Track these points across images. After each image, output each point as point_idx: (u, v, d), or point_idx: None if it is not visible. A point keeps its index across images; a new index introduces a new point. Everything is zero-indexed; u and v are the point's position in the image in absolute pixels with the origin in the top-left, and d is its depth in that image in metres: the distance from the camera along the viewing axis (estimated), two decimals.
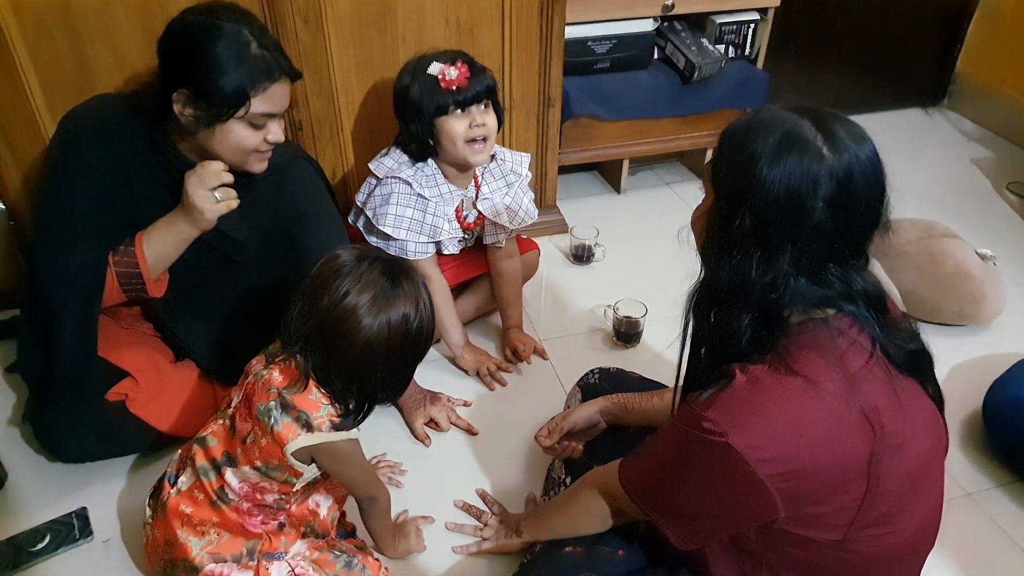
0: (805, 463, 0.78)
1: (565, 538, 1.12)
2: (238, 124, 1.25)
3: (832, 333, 0.81)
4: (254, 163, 1.33)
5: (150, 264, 1.32)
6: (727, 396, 0.81)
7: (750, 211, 0.80)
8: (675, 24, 2.27)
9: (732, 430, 0.78)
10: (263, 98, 1.24)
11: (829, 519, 0.82)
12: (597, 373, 1.42)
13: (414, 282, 1.07)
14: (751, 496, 0.80)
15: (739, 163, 0.81)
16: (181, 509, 1.14)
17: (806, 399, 0.79)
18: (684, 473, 0.87)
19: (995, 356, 1.76)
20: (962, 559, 1.34)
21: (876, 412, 0.79)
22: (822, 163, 0.78)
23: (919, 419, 0.85)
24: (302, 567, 1.14)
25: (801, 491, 0.79)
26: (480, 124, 1.49)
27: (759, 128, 0.81)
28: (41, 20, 1.48)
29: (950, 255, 1.87)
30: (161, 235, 1.33)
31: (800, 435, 0.78)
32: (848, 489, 0.80)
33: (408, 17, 1.72)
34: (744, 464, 0.78)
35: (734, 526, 0.88)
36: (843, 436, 0.79)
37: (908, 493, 0.85)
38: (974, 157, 2.70)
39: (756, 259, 0.81)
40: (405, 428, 1.59)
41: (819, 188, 0.77)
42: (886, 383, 0.82)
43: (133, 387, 1.41)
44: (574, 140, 2.24)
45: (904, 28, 2.80)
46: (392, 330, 1.03)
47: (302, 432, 1.05)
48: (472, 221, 1.67)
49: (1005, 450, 1.52)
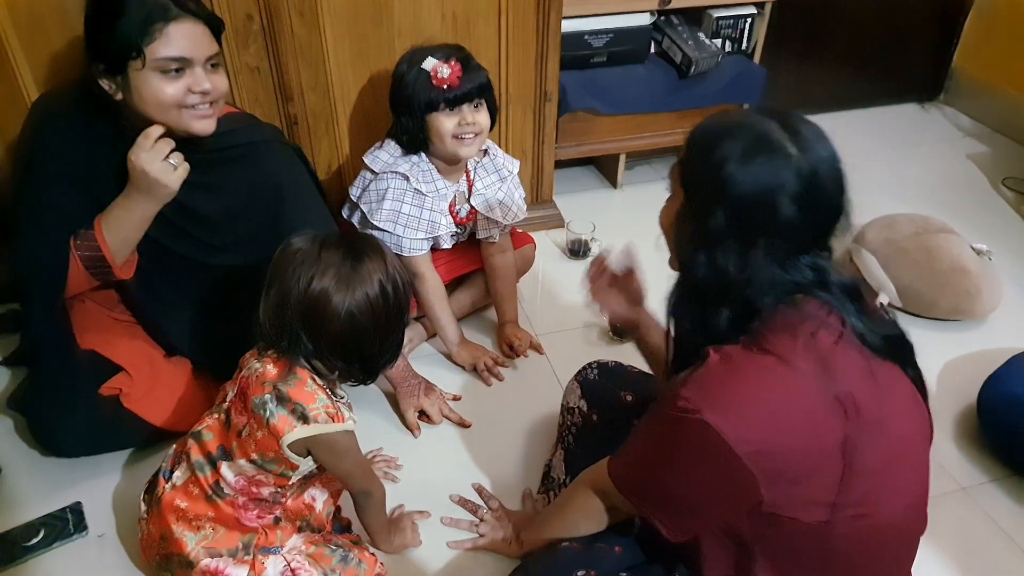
0: (780, 439, 0.80)
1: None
2: (151, 75, 1.18)
3: (803, 316, 0.84)
4: (190, 120, 1.24)
5: (112, 247, 1.30)
6: (701, 374, 0.83)
7: (723, 210, 0.83)
8: (672, 18, 2.27)
9: (706, 406, 0.80)
10: (163, 41, 1.17)
11: (811, 498, 0.83)
12: (596, 367, 1.41)
13: (376, 247, 1.07)
14: (731, 476, 0.81)
15: (711, 165, 0.83)
16: (176, 504, 1.14)
17: (779, 377, 0.81)
18: (666, 458, 0.88)
19: (990, 351, 1.76)
20: (956, 553, 1.35)
21: (849, 394, 0.81)
22: (790, 161, 0.82)
23: (898, 401, 0.87)
24: (298, 561, 1.14)
25: (779, 469, 0.81)
26: (469, 123, 1.49)
27: (728, 130, 0.85)
28: (36, 16, 1.47)
29: (946, 250, 1.87)
30: (119, 218, 1.29)
31: (774, 411, 0.80)
32: (825, 467, 0.82)
33: (404, 11, 1.71)
34: (721, 442, 0.79)
35: (720, 512, 0.88)
36: (816, 415, 0.81)
37: (889, 474, 0.85)
38: (970, 153, 2.70)
39: (731, 255, 0.84)
40: (400, 424, 1.59)
41: (788, 185, 0.81)
42: (862, 364, 0.84)
43: (127, 382, 1.41)
44: (571, 134, 2.23)
45: (901, 23, 2.80)
46: (372, 301, 1.03)
47: (298, 424, 1.05)
48: (464, 216, 1.67)
49: (1000, 445, 1.53)
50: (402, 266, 1.09)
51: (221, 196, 1.38)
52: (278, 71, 1.70)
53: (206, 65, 1.23)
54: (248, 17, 1.61)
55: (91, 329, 1.44)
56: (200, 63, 1.22)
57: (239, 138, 1.37)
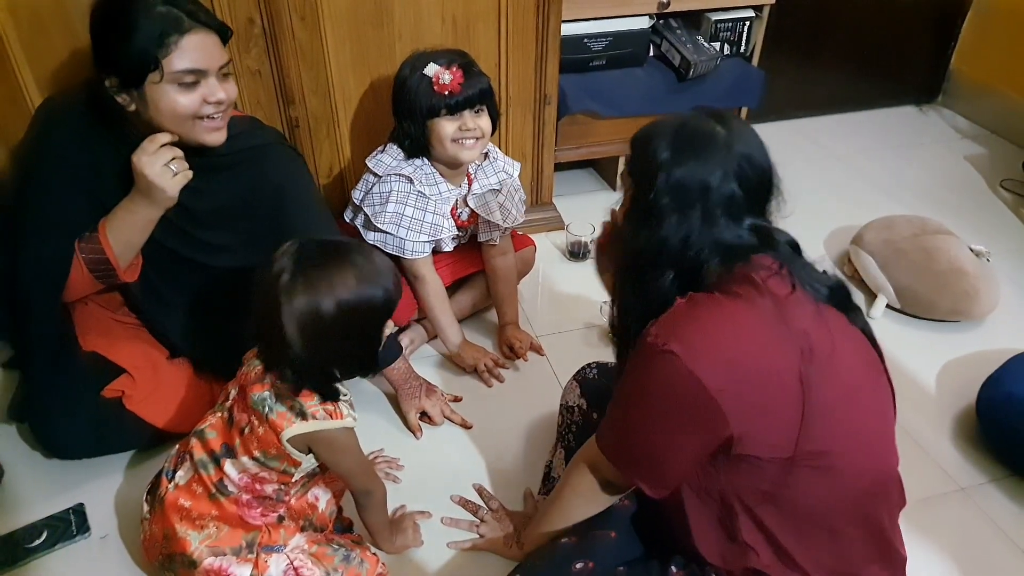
0: (745, 370, 0.85)
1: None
2: (167, 88, 1.19)
3: (756, 268, 0.90)
4: (203, 132, 1.26)
5: (116, 251, 1.30)
6: (669, 315, 0.89)
7: (663, 187, 0.90)
8: (671, 21, 2.28)
9: (673, 338, 0.86)
10: (179, 54, 1.18)
11: (776, 430, 0.87)
12: (595, 367, 1.42)
13: (342, 252, 1.04)
14: (701, 410, 0.85)
15: (649, 153, 0.92)
16: (180, 503, 1.14)
17: (740, 311, 0.87)
18: (639, 399, 0.93)
19: (988, 352, 1.77)
20: (955, 554, 1.35)
21: (804, 332, 0.87)
22: (717, 140, 0.91)
23: (848, 343, 0.92)
24: (301, 560, 1.15)
25: (745, 399, 0.85)
26: (470, 128, 1.50)
27: (663, 125, 0.94)
28: (37, 17, 1.48)
29: (944, 252, 1.88)
30: (122, 221, 1.30)
31: (737, 341, 0.86)
32: (787, 399, 0.85)
33: (405, 14, 1.72)
34: (689, 374, 0.84)
35: (694, 450, 0.91)
36: (776, 346, 0.86)
37: (846, 414, 0.89)
38: (968, 154, 2.71)
39: (672, 224, 0.90)
40: (401, 425, 1.59)
41: (718, 160, 0.90)
42: (812, 308, 0.89)
43: (129, 384, 1.41)
44: (570, 137, 2.24)
45: (898, 25, 2.81)
46: (338, 311, 1.00)
47: (296, 420, 1.06)
48: (466, 219, 1.68)
49: (998, 445, 1.53)
50: (381, 280, 1.05)
51: (224, 198, 1.39)
52: (279, 74, 1.71)
53: (219, 74, 1.24)
54: (249, 20, 1.61)
55: (93, 331, 1.44)
56: (214, 73, 1.23)
57: (242, 142, 1.37)
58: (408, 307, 1.71)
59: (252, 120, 1.49)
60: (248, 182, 1.40)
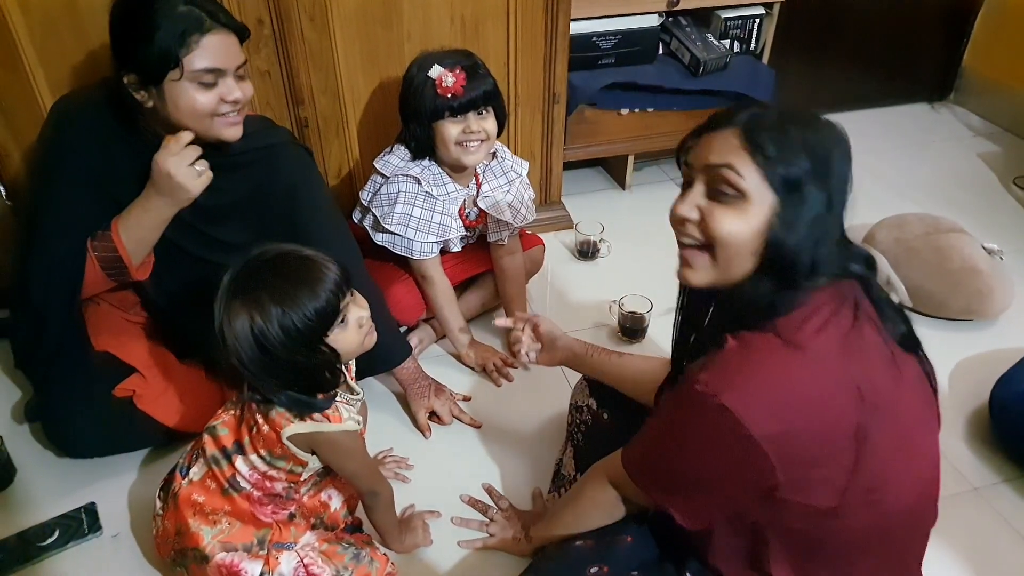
0: (797, 423, 0.80)
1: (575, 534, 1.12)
2: (187, 86, 1.20)
3: (830, 296, 0.84)
4: (222, 128, 1.27)
5: (129, 249, 1.31)
6: (718, 358, 0.83)
7: (824, 194, 0.84)
8: (680, 19, 2.27)
9: (725, 390, 0.80)
10: (199, 52, 1.19)
11: (824, 482, 0.83)
12: None
13: (274, 270, 1.02)
14: (748, 459, 0.81)
15: (807, 157, 0.84)
16: (193, 498, 1.15)
17: (796, 361, 0.81)
18: (682, 442, 0.88)
19: (1002, 351, 1.75)
20: (968, 553, 1.34)
21: (868, 378, 0.81)
22: (845, 139, 0.87)
23: (911, 386, 0.87)
24: (311, 557, 1.15)
25: (795, 452, 0.81)
26: (474, 131, 1.50)
27: (804, 119, 0.87)
28: (49, 18, 1.49)
29: (957, 250, 1.86)
30: (137, 219, 1.31)
31: (791, 395, 0.80)
32: (840, 451, 0.82)
33: (414, 14, 1.72)
34: (739, 425, 0.79)
35: (736, 495, 0.88)
36: (833, 399, 0.81)
37: (900, 458, 0.86)
38: (981, 152, 2.69)
39: (829, 229, 0.85)
40: (411, 424, 1.60)
41: (848, 158, 0.86)
42: (881, 346, 0.85)
43: (141, 383, 1.42)
44: (579, 136, 2.24)
45: (910, 22, 2.79)
46: (251, 345, 0.99)
47: (294, 420, 1.06)
48: (474, 219, 1.68)
49: (1012, 445, 1.52)
50: (305, 303, 1.00)
51: (236, 196, 1.40)
52: (289, 75, 1.71)
53: (236, 74, 1.25)
54: (259, 22, 1.62)
55: (105, 331, 1.45)
56: (232, 73, 1.24)
57: (256, 141, 1.38)
58: (416, 307, 1.72)
59: (264, 120, 1.50)
60: (260, 180, 1.41)
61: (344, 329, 1.06)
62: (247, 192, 1.41)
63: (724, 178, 0.85)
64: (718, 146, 0.87)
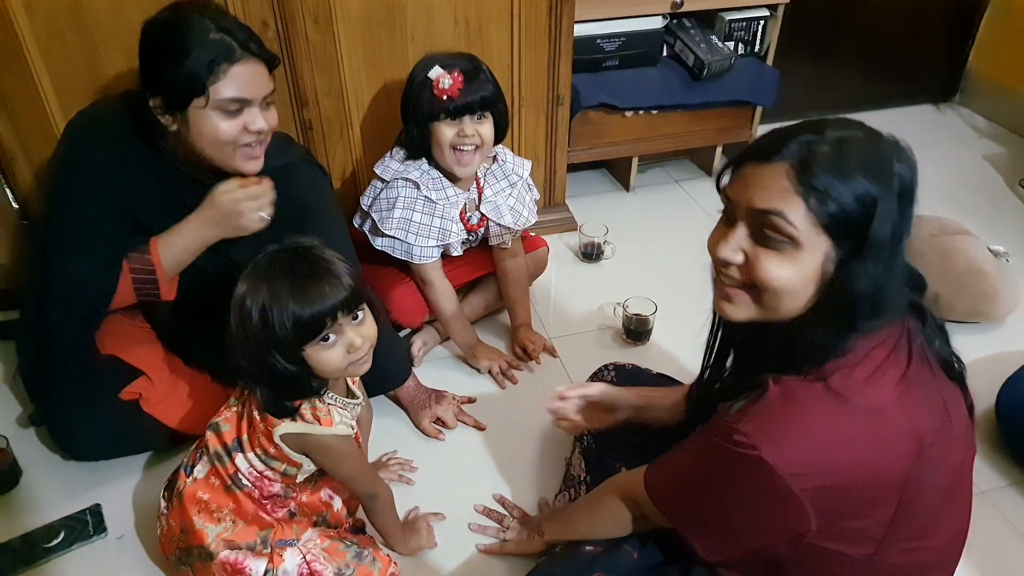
0: (839, 478, 0.76)
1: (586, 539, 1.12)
2: (211, 114, 1.20)
3: (872, 341, 0.79)
4: (241, 160, 1.27)
5: (165, 268, 1.33)
6: (760, 409, 0.78)
7: (890, 231, 0.78)
8: (684, 21, 2.27)
9: (765, 444, 0.76)
10: (227, 81, 1.19)
11: (862, 533, 0.81)
12: (612, 370, 1.41)
13: (297, 260, 1.04)
14: (784, 509, 0.78)
15: (867, 204, 0.77)
16: (198, 496, 1.15)
17: (843, 415, 0.76)
18: (715, 486, 0.85)
19: (1008, 353, 1.74)
20: (975, 557, 1.33)
21: (921, 432, 0.77)
22: (896, 184, 0.79)
23: (959, 428, 0.83)
24: (313, 554, 1.16)
25: (835, 505, 0.78)
26: (468, 135, 1.50)
27: (858, 155, 0.78)
28: (53, 21, 1.50)
29: (962, 252, 1.85)
30: (179, 243, 1.32)
31: (835, 450, 0.76)
32: (883, 504, 0.79)
33: (417, 17, 1.72)
34: (777, 478, 0.76)
35: (765, 539, 0.86)
36: (881, 455, 0.77)
37: (942, 505, 0.84)
38: (986, 153, 2.68)
39: (895, 276, 0.80)
40: (415, 427, 1.59)
41: (912, 204, 0.78)
42: (935, 390, 0.80)
43: (147, 386, 1.42)
44: (583, 138, 2.24)
45: (915, 24, 2.78)
46: (258, 314, 1.00)
47: (286, 419, 1.07)
48: (475, 223, 1.68)
49: (1018, 448, 1.51)
50: (315, 302, 1.00)
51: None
52: (293, 77, 1.72)
53: (263, 103, 1.25)
54: (263, 24, 1.62)
55: (111, 334, 1.45)
56: (258, 103, 1.24)
57: (272, 162, 1.37)
58: (418, 310, 1.72)
59: (283, 137, 1.50)
60: (280, 197, 1.39)
61: (327, 348, 1.03)
62: None
63: (773, 225, 0.77)
64: (766, 185, 0.78)
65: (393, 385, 1.56)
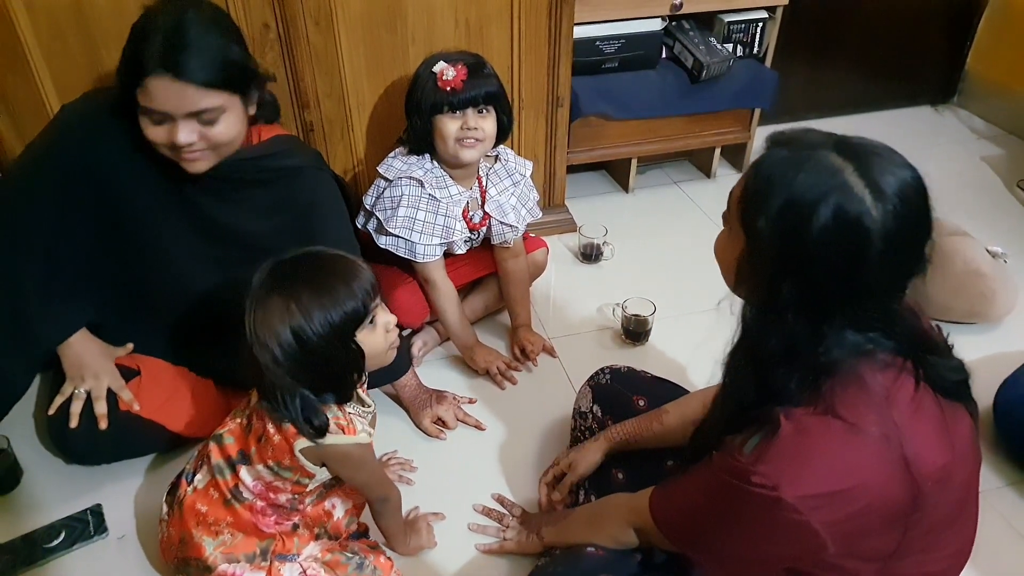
0: (857, 505, 0.77)
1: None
2: (143, 117, 1.19)
3: (877, 369, 0.80)
4: (182, 160, 1.23)
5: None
6: (775, 448, 0.79)
7: (799, 280, 0.76)
8: (683, 23, 2.27)
9: (783, 483, 0.77)
10: (144, 92, 1.15)
11: (874, 551, 0.81)
12: (608, 373, 1.41)
13: (308, 270, 1.04)
14: (801, 541, 0.79)
15: (788, 225, 0.75)
16: (197, 508, 1.15)
17: (854, 445, 0.77)
18: (729, 522, 0.85)
19: (1006, 354, 1.75)
20: (973, 559, 1.33)
21: (921, 456, 0.78)
22: (873, 223, 0.73)
23: (963, 446, 0.84)
24: (314, 569, 1.15)
25: (852, 530, 0.79)
26: (471, 128, 1.50)
27: (805, 185, 0.74)
28: (55, 21, 1.50)
29: (960, 253, 1.86)
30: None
31: (851, 480, 0.77)
32: (895, 524, 0.80)
33: (418, 18, 1.73)
34: (797, 514, 0.76)
35: (779, 567, 0.86)
36: (894, 476, 0.78)
37: (952, 518, 0.85)
38: (984, 155, 2.69)
39: (803, 324, 0.78)
40: (414, 426, 1.60)
41: (872, 249, 0.74)
42: (936, 414, 0.81)
43: (147, 388, 1.42)
44: (582, 139, 2.24)
45: (913, 25, 2.79)
46: (288, 340, 0.99)
47: (321, 437, 1.05)
48: (478, 221, 1.68)
49: (1016, 448, 1.52)
50: (343, 300, 1.01)
51: (253, 218, 1.39)
52: (294, 79, 1.72)
53: (199, 118, 1.19)
54: (265, 26, 1.63)
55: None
56: (180, 117, 1.17)
57: (277, 162, 1.37)
58: (420, 310, 1.72)
59: (292, 140, 1.49)
60: (278, 204, 1.39)
61: (372, 331, 1.07)
62: (263, 212, 1.39)
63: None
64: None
65: (393, 378, 1.55)
